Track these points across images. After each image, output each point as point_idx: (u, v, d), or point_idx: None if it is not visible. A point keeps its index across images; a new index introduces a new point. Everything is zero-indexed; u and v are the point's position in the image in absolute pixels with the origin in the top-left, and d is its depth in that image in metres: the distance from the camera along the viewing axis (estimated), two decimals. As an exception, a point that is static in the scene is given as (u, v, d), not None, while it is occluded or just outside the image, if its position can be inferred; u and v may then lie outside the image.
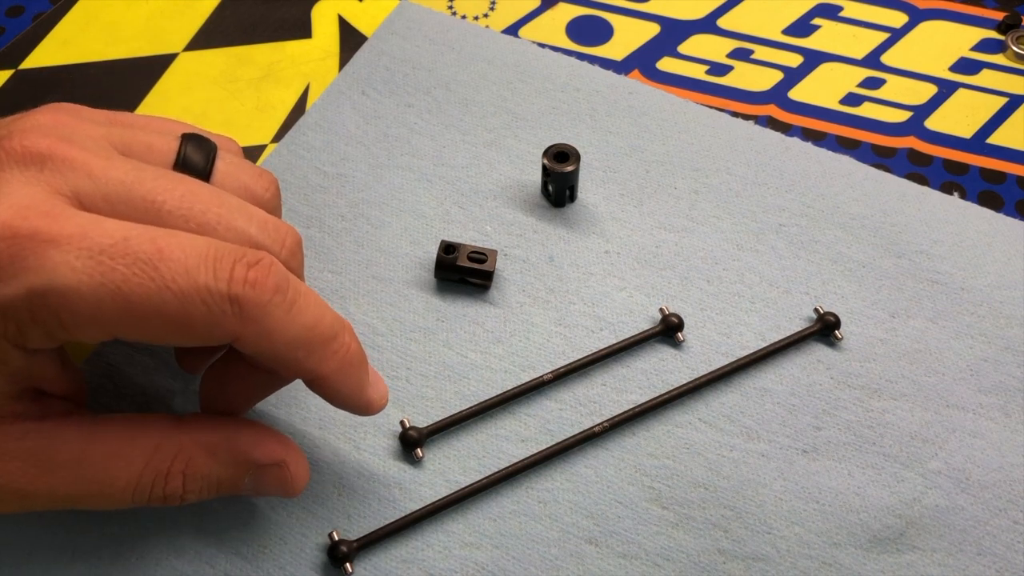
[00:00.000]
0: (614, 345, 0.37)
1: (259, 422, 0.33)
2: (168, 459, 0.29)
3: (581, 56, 0.47)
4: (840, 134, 0.45)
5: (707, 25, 0.49)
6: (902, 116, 0.45)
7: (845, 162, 0.43)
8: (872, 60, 0.47)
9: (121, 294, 0.25)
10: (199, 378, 0.35)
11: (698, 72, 0.47)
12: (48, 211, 0.25)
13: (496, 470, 0.34)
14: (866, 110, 0.46)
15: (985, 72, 0.47)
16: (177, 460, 0.29)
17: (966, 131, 0.45)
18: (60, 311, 0.25)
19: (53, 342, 0.26)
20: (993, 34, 0.48)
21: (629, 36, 0.49)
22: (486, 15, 0.49)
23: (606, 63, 0.47)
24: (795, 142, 0.44)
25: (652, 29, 0.49)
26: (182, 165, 0.30)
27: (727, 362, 0.37)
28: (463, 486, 0.34)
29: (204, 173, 0.31)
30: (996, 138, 0.44)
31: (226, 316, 0.26)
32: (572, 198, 0.41)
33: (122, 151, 0.29)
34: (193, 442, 0.30)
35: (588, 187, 0.42)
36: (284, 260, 0.30)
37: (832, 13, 0.49)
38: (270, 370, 0.30)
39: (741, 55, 0.48)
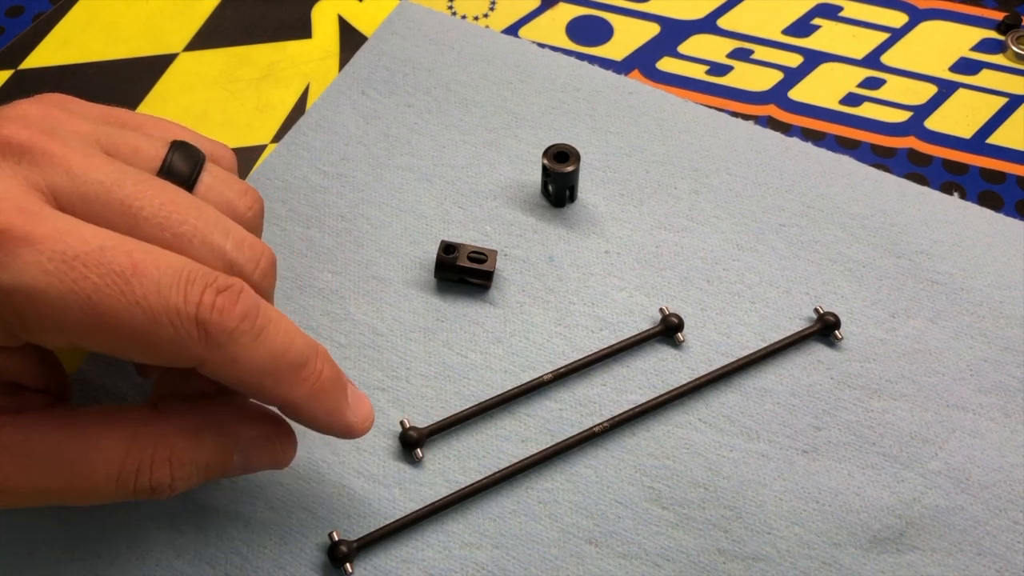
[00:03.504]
0: (614, 345, 0.37)
1: (238, 399, 0.32)
2: (149, 448, 0.28)
3: (581, 56, 0.47)
4: (840, 134, 0.45)
5: (707, 25, 0.49)
6: (902, 116, 0.45)
7: (845, 162, 0.43)
8: (872, 60, 0.47)
9: (90, 304, 0.25)
10: None
11: (698, 72, 0.47)
12: (23, 207, 0.25)
13: (496, 470, 0.34)
14: (866, 110, 0.46)
15: (985, 72, 0.47)
16: (159, 449, 0.28)
17: (966, 131, 0.45)
18: (25, 311, 0.24)
19: (13, 341, 0.26)
20: (993, 34, 0.48)
21: (629, 36, 0.49)
22: (486, 15, 0.49)
23: (606, 63, 0.47)
24: (795, 142, 0.43)
25: (652, 29, 0.49)
26: (166, 172, 0.30)
27: (727, 362, 0.37)
28: (463, 486, 0.34)
29: (188, 183, 0.30)
30: (996, 138, 0.44)
31: (192, 340, 0.26)
32: (572, 198, 0.41)
33: (107, 150, 0.29)
34: (173, 428, 0.29)
35: (588, 187, 0.42)
36: (256, 281, 0.29)
37: (832, 13, 0.49)
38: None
39: (741, 55, 0.48)
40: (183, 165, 0.30)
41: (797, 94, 0.46)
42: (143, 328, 0.25)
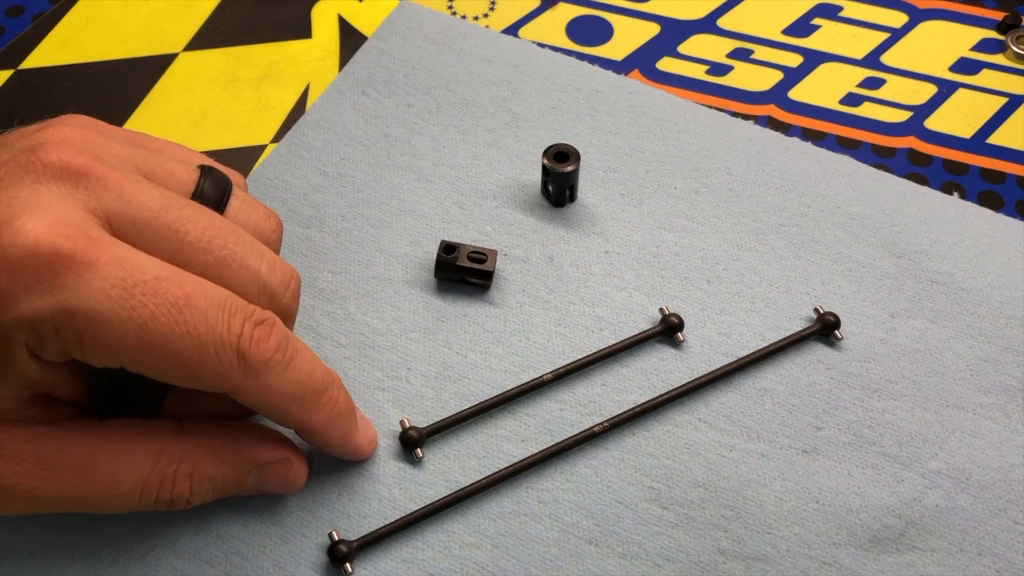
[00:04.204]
0: (614, 345, 0.37)
1: (257, 423, 0.33)
2: (174, 463, 0.30)
3: (581, 56, 0.47)
4: (840, 134, 0.45)
5: (707, 25, 0.49)
6: (902, 116, 0.45)
7: (845, 162, 0.43)
8: (872, 60, 0.47)
9: (146, 331, 0.26)
10: None
11: (698, 72, 0.47)
12: (87, 233, 0.26)
13: (496, 470, 0.34)
14: (866, 110, 0.46)
15: (985, 72, 0.47)
16: (183, 464, 0.30)
17: (966, 131, 0.45)
18: (84, 333, 0.26)
19: (63, 358, 0.27)
20: (993, 34, 0.48)
21: (629, 36, 0.49)
22: (486, 15, 0.49)
23: (606, 63, 0.47)
24: (795, 142, 0.43)
25: (652, 29, 0.49)
26: (199, 196, 0.31)
27: (727, 362, 0.37)
28: (463, 486, 0.34)
29: (219, 207, 0.32)
30: (996, 138, 0.44)
31: (232, 368, 0.28)
32: (572, 198, 0.41)
33: (145, 174, 0.30)
34: (197, 446, 0.31)
35: (588, 187, 0.42)
36: (286, 303, 0.31)
37: (832, 13, 0.49)
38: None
39: (741, 55, 0.48)
40: (214, 190, 0.32)
41: (797, 94, 0.46)
42: (191, 356, 0.27)
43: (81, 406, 0.30)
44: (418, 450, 0.34)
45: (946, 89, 0.46)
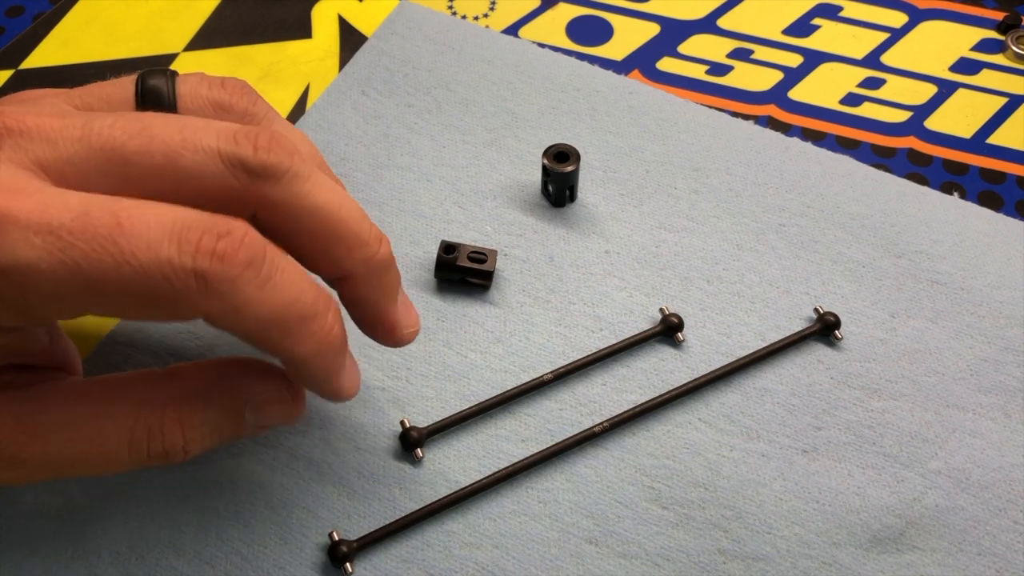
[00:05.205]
0: (614, 345, 0.37)
1: (245, 355, 0.31)
2: (158, 410, 0.28)
3: (581, 56, 0.47)
4: (840, 134, 0.45)
5: (707, 25, 0.49)
6: (902, 116, 0.45)
7: (845, 162, 0.43)
8: (872, 60, 0.47)
9: (81, 271, 0.24)
10: None
11: (698, 72, 0.47)
12: (10, 187, 0.25)
13: (496, 470, 0.34)
14: (866, 110, 0.46)
15: (985, 72, 0.47)
16: (168, 410, 0.28)
17: (966, 131, 0.45)
18: (24, 289, 0.24)
19: (23, 320, 0.26)
20: (993, 34, 0.48)
21: (629, 36, 0.49)
22: (486, 15, 0.49)
23: (606, 63, 0.47)
24: (795, 142, 0.44)
25: (652, 29, 0.49)
26: (143, 103, 0.29)
27: (727, 362, 0.37)
28: (463, 486, 0.34)
29: (170, 103, 0.30)
30: (996, 138, 0.44)
31: (191, 291, 0.25)
32: (572, 198, 0.41)
33: (80, 108, 0.29)
34: (181, 390, 0.29)
35: (588, 187, 0.42)
36: (260, 162, 0.27)
37: (832, 13, 0.49)
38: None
39: (741, 55, 0.48)
40: (156, 86, 0.30)
41: (797, 94, 0.46)
42: (137, 286, 0.24)
43: (64, 369, 0.29)
44: (418, 450, 0.34)
45: (946, 89, 0.46)
